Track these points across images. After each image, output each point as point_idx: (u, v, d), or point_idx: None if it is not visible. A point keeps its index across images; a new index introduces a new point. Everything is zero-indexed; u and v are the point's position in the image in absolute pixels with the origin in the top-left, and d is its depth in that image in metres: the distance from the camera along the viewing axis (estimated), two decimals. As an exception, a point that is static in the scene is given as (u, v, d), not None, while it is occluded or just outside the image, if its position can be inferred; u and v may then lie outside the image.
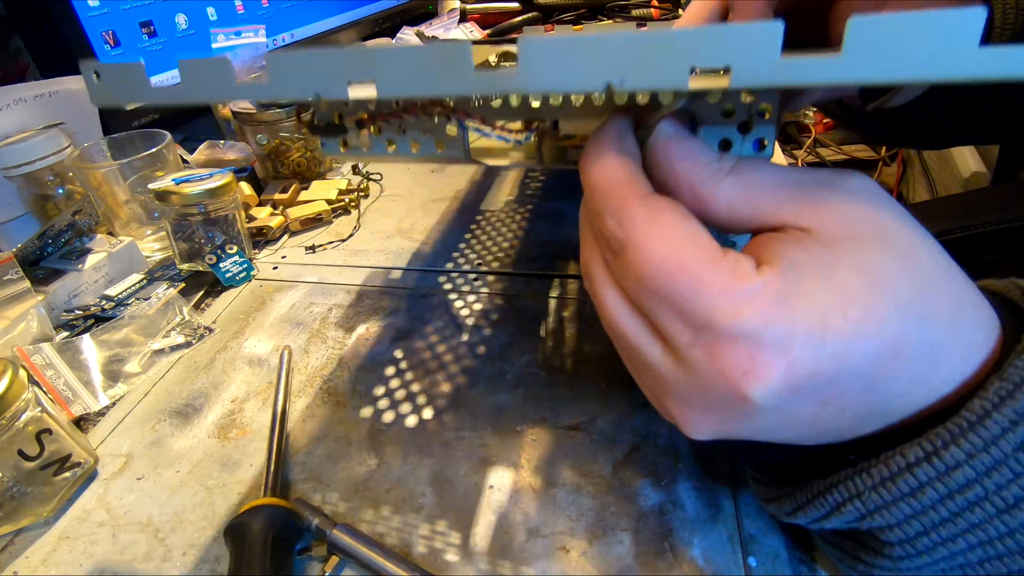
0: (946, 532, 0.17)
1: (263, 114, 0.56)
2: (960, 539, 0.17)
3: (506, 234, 0.49)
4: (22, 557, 0.28)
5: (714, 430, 0.18)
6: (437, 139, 0.24)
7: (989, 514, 0.16)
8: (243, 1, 0.77)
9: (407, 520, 0.28)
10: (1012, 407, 0.15)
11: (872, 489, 0.17)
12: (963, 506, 0.16)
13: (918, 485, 0.17)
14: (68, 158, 0.49)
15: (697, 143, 0.18)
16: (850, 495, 0.18)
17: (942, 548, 0.17)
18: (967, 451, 0.16)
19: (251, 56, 0.66)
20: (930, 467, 0.16)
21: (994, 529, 0.16)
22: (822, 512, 0.19)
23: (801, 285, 0.16)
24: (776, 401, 0.16)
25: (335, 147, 0.26)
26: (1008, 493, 0.16)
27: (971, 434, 0.16)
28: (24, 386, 0.29)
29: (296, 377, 0.37)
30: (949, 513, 0.17)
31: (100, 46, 0.61)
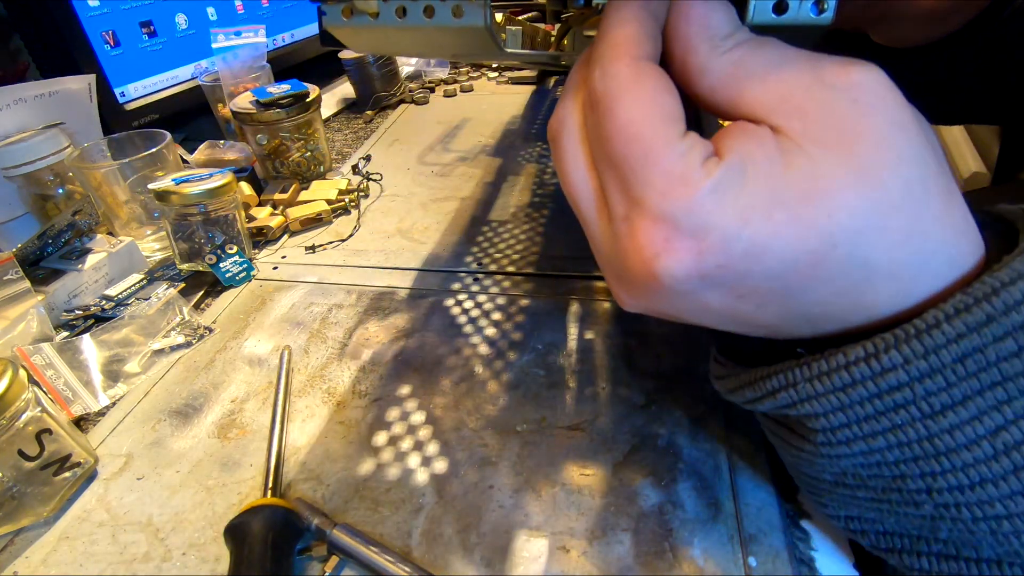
0: (868, 428, 0.18)
1: (263, 114, 0.56)
2: (880, 437, 0.17)
3: (505, 235, 0.49)
4: (22, 557, 0.28)
5: (639, 305, 0.19)
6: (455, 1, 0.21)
7: (913, 417, 0.17)
8: (243, 1, 0.77)
9: (407, 520, 0.28)
10: (963, 320, 0.16)
11: (807, 380, 0.18)
12: (889, 406, 0.17)
13: (851, 381, 0.17)
14: (68, 158, 0.49)
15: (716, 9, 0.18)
16: (786, 383, 0.19)
17: (862, 442, 0.18)
18: (905, 356, 0.16)
19: (251, 56, 0.66)
20: (866, 367, 0.17)
21: (914, 432, 0.17)
22: (758, 394, 0.20)
23: (738, 182, 0.16)
24: (683, 285, 0.17)
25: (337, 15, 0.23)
26: (936, 400, 0.16)
27: (915, 341, 0.16)
28: (24, 386, 0.29)
29: (296, 377, 0.37)
30: (874, 410, 0.17)
31: (100, 46, 0.61)
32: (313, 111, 0.59)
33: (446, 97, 0.82)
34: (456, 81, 0.86)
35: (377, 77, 0.78)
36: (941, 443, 0.17)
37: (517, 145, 0.65)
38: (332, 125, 0.76)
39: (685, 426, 0.30)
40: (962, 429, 0.16)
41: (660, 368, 0.34)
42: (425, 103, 0.81)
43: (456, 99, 0.82)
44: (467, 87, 0.84)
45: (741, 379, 0.21)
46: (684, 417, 0.31)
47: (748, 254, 0.16)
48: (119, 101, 0.64)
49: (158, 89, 0.68)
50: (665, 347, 0.35)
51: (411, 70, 0.88)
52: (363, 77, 0.79)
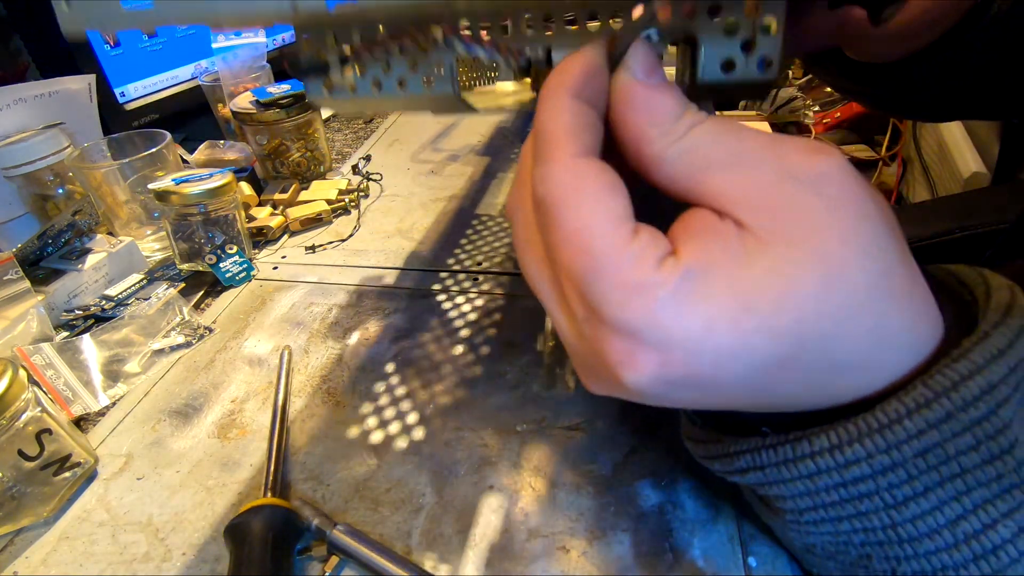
0: (833, 513, 0.18)
1: (263, 114, 0.56)
2: (845, 522, 0.18)
3: (505, 235, 0.49)
4: (22, 557, 0.28)
5: (608, 394, 0.19)
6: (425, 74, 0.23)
7: (876, 507, 0.17)
8: (243, 1, 0.77)
9: (407, 520, 0.28)
10: (924, 416, 0.16)
11: (774, 465, 0.19)
12: (854, 495, 0.18)
13: (816, 471, 0.18)
14: (68, 158, 0.49)
15: (662, 92, 0.17)
16: (754, 465, 0.19)
17: (828, 525, 0.19)
18: (868, 450, 0.17)
19: (251, 56, 0.66)
20: (831, 458, 0.17)
21: (878, 520, 0.17)
22: (728, 469, 0.21)
23: (700, 287, 0.15)
24: (650, 391, 0.17)
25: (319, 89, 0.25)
26: (898, 492, 0.17)
27: (877, 436, 0.16)
28: (24, 386, 0.29)
29: (296, 377, 0.37)
30: (840, 498, 0.18)
31: (100, 46, 0.61)
32: (313, 111, 0.59)
33: (446, 97, 0.82)
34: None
35: (377, 77, 0.78)
36: (904, 532, 0.17)
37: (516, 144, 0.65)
38: (332, 125, 0.76)
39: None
40: (924, 519, 0.17)
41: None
42: (425, 103, 0.81)
43: (456, 99, 0.82)
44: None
45: (710, 450, 0.22)
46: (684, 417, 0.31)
47: (715, 363, 0.15)
48: (119, 101, 0.64)
49: (158, 89, 0.68)
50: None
51: (411, 70, 0.88)
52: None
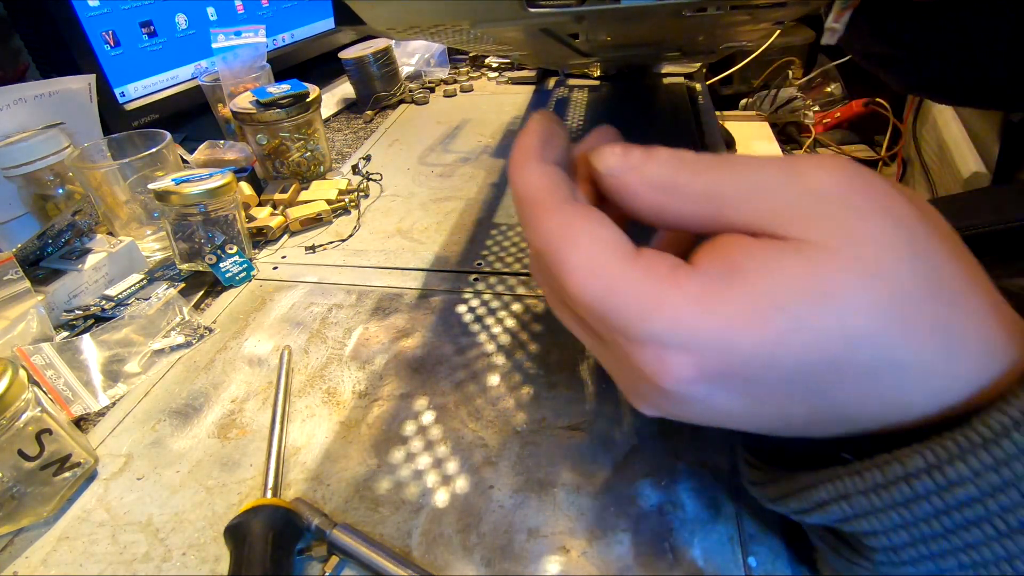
0: (937, 547, 0.16)
1: (263, 114, 0.56)
2: (951, 557, 0.16)
3: (505, 236, 0.49)
4: (22, 557, 0.28)
5: (659, 412, 0.19)
6: None
7: (988, 536, 0.15)
8: (243, 1, 0.78)
9: (407, 520, 0.28)
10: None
11: (862, 493, 0.16)
12: (960, 524, 0.15)
13: (913, 496, 0.16)
14: (68, 158, 0.49)
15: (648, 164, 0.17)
16: (837, 495, 0.17)
17: (930, 563, 0.16)
18: (974, 468, 0.15)
19: (251, 56, 0.66)
20: (930, 480, 0.15)
21: (991, 552, 0.15)
22: (805, 506, 0.18)
23: (723, 291, 0.15)
24: (693, 393, 0.16)
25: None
26: (1012, 517, 0.15)
27: (983, 452, 0.15)
28: (24, 386, 0.29)
29: (296, 377, 0.37)
30: (944, 529, 0.16)
31: (100, 46, 0.61)
32: (313, 111, 0.59)
33: (446, 97, 0.82)
34: (456, 81, 0.86)
35: (377, 77, 0.78)
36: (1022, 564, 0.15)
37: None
38: (332, 125, 0.76)
39: (685, 426, 0.30)
40: None
41: (660, 368, 0.34)
42: (425, 103, 0.81)
43: (456, 99, 0.82)
44: (467, 87, 0.84)
45: (782, 487, 0.19)
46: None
47: (751, 362, 0.15)
48: (119, 101, 0.64)
49: (158, 89, 0.68)
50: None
51: (411, 70, 0.88)
52: (363, 77, 0.79)
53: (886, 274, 0.15)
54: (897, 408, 0.16)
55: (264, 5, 0.80)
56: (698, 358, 0.15)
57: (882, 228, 0.15)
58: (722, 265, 0.16)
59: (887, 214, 0.15)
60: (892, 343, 0.15)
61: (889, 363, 0.15)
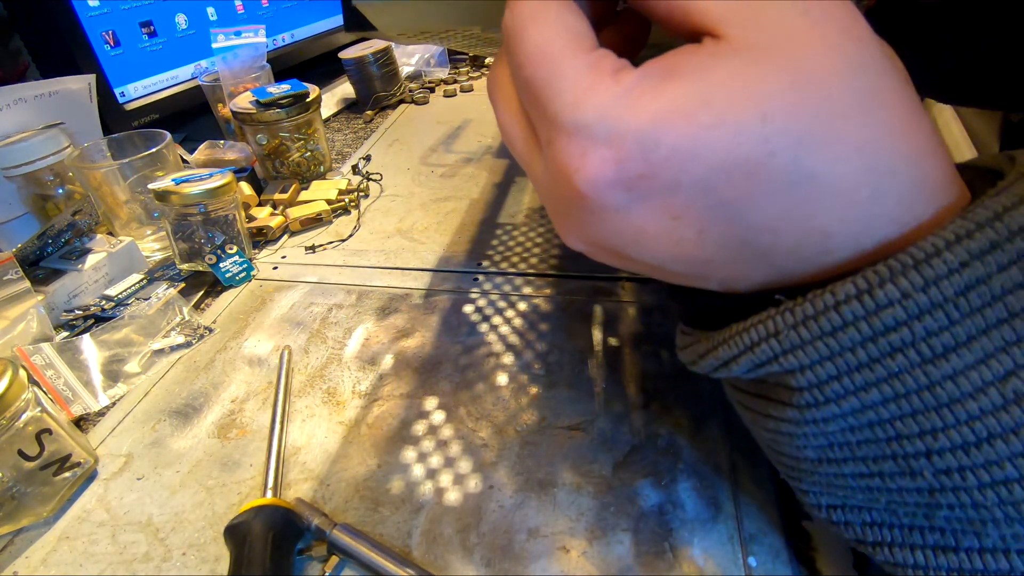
0: (861, 379, 0.15)
1: (263, 114, 0.56)
2: (874, 388, 0.15)
3: (505, 236, 0.49)
4: (22, 557, 0.28)
5: (580, 237, 0.18)
6: None
7: (911, 362, 0.15)
8: (243, 1, 0.78)
9: (407, 520, 0.28)
10: (967, 247, 0.14)
11: (792, 327, 0.16)
12: (885, 351, 0.15)
13: (841, 324, 0.15)
14: (68, 158, 0.49)
15: None
16: (767, 333, 0.17)
17: (853, 397, 0.16)
18: (903, 290, 0.14)
19: (251, 56, 0.66)
20: (859, 305, 0.15)
21: (913, 380, 0.15)
22: (735, 351, 0.18)
23: (657, 86, 0.15)
24: (610, 199, 0.16)
25: None
26: (937, 341, 0.14)
27: (913, 272, 0.14)
28: (24, 386, 0.29)
29: (296, 377, 0.37)
30: (868, 357, 0.15)
31: (100, 46, 0.61)
32: (313, 111, 0.59)
33: (446, 97, 0.82)
34: (456, 81, 0.86)
35: (377, 77, 0.78)
36: (943, 392, 0.15)
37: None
38: (332, 125, 0.76)
39: (685, 426, 0.30)
40: (967, 375, 0.14)
41: (660, 368, 0.34)
42: (425, 103, 0.81)
43: (456, 99, 0.82)
44: (467, 87, 0.84)
45: (714, 339, 0.19)
46: (684, 417, 0.31)
47: (671, 160, 0.15)
48: (119, 101, 0.64)
49: (158, 89, 0.68)
50: (665, 347, 0.35)
51: (411, 70, 0.88)
52: (363, 77, 0.79)
53: (819, 80, 0.14)
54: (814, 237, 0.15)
55: (264, 5, 0.80)
56: (619, 153, 0.15)
57: (831, 40, 0.15)
58: (664, 66, 0.15)
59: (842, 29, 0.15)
60: (810, 151, 0.14)
61: (806, 174, 0.14)
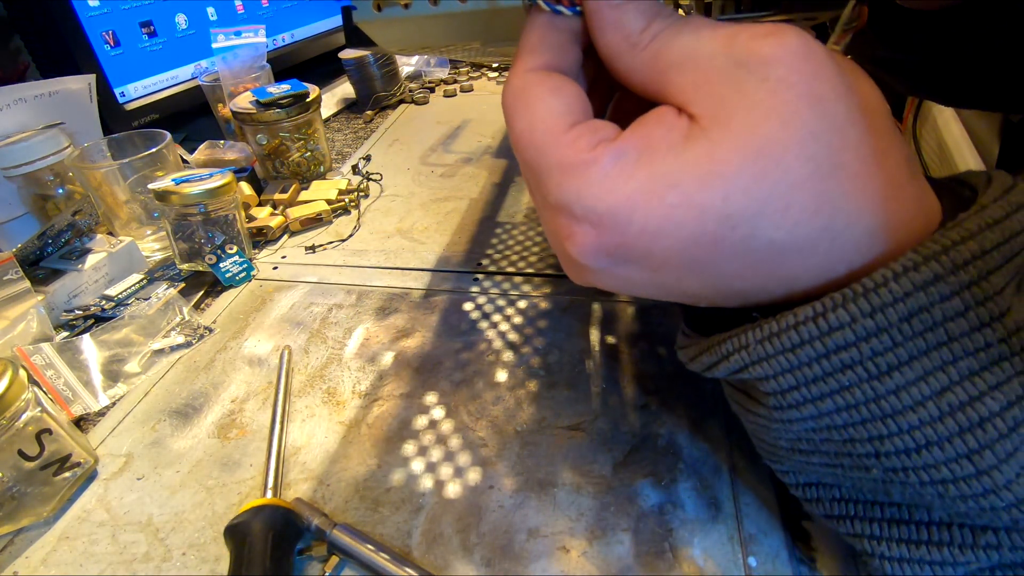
0: (816, 390, 0.17)
1: (263, 114, 0.56)
2: (828, 399, 0.17)
3: (505, 236, 0.49)
4: (22, 557, 0.28)
5: (584, 280, 0.20)
6: None
7: (860, 378, 0.17)
8: (243, 1, 0.78)
9: (407, 520, 0.28)
10: (910, 278, 0.16)
11: (758, 342, 0.18)
12: (837, 367, 0.17)
13: (799, 341, 0.17)
14: (68, 158, 0.49)
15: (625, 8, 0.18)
16: (739, 346, 0.19)
17: (811, 405, 0.18)
18: (852, 314, 0.16)
19: (251, 56, 0.66)
20: (814, 326, 0.17)
21: (861, 393, 0.17)
22: (714, 359, 0.20)
23: (632, 167, 0.16)
24: (595, 263, 0.18)
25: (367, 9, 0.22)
26: (882, 360, 0.16)
27: (861, 299, 0.16)
28: (24, 386, 0.29)
29: (296, 377, 0.37)
30: (822, 371, 0.17)
31: (100, 46, 0.61)
32: (313, 111, 0.59)
33: (446, 97, 0.82)
34: (456, 81, 0.86)
35: (377, 77, 0.78)
36: (887, 405, 0.16)
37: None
38: (332, 125, 0.76)
39: (685, 426, 0.30)
40: (908, 390, 0.16)
41: (660, 368, 0.34)
42: (425, 103, 0.81)
43: (456, 99, 0.82)
44: (467, 87, 0.84)
45: (700, 346, 0.21)
46: (684, 417, 0.31)
47: (643, 234, 0.16)
48: (119, 101, 0.64)
49: (158, 89, 0.68)
50: (665, 347, 0.35)
51: (411, 70, 0.88)
52: (363, 77, 0.79)
53: (775, 155, 0.15)
54: (781, 282, 0.17)
55: (264, 5, 0.80)
56: (598, 230, 0.17)
57: (791, 105, 0.15)
58: (639, 142, 0.17)
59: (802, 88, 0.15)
60: (768, 222, 0.16)
61: (765, 242, 0.16)
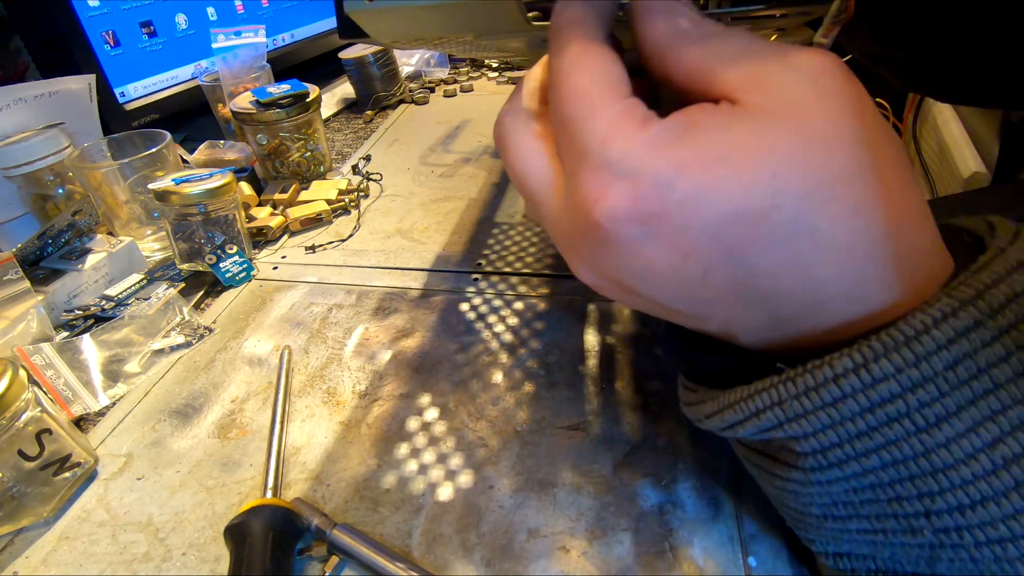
0: (861, 446, 0.17)
1: (263, 114, 0.56)
2: (874, 455, 0.17)
3: (505, 237, 0.49)
4: (22, 557, 0.28)
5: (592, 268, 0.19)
6: None
7: (907, 431, 0.16)
8: (243, 1, 0.78)
9: (407, 520, 0.28)
10: (952, 325, 0.15)
11: (795, 397, 0.17)
12: (883, 420, 0.16)
13: (841, 395, 0.16)
14: (68, 158, 0.49)
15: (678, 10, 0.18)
16: (772, 402, 0.18)
17: (855, 463, 0.17)
18: (896, 365, 0.16)
19: (251, 56, 0.66)
20: (856, 378, 0.16)
21: (910, 447, 0.16)
22: (741, 417, 0.19)
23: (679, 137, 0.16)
24: (624, 231, 0.17)
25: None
26: (930, 412, 0.16)
27: (904, 348, 0.15)
28: (24, 386, 0.29)
29: (296, 377, 0.37)
30: (867, 426, 0.16)
31: (100, 46, 0.61)
32: (313, 111, 0.59)
33: (446, 97, 0.82)
34: (456, 81, 0.86)
35: (377, 77, 0.78)
36: (938, 459, 0.16)
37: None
38: (332, 125, 0.76)
39: (685, 426, 0.30)
40: (958, 442, 0.16)
41: (660, 368, 0.34)
42: (425, 103, 0.81)
43: (456, 99, 0.82)
44: (467, 87, 0.84)
45: (720, 402, 0.20)
46: (684, 417, 0.31)
47: (684, 204, 0.16)
48: (119, 101, 0.64)
49: (158, 89, 0.68)
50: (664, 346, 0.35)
51: (411, 70, 0.88)
52: (363, 77, 0.79)
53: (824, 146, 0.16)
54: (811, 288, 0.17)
55: (264, 5, 0.80)
56: (637, 190, 0.16)
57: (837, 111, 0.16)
58: (685, 120, 0.17)
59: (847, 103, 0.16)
60: (813, 208, 0.16)
61: (807, 228, 0.16)
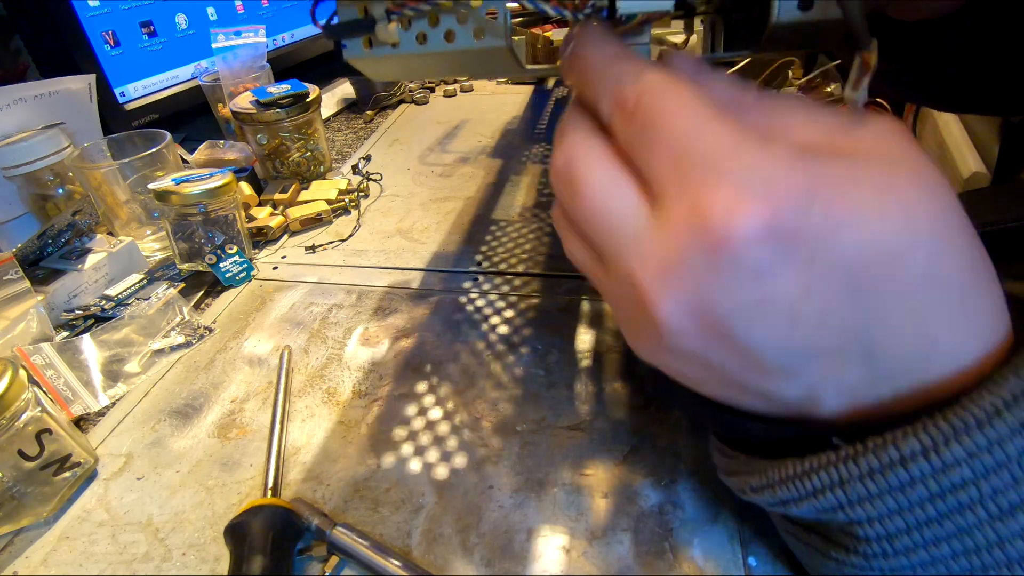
0: (930, 534, 0.16)
1: (263, 114, 0.56)
2: (944, 544, 0.16)
3: (506, 237, 0.49)
4: (22, 557, 0.28)
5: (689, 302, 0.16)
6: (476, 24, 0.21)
7: (981, 519, 0.15)
8: (243, 1, 0.77)
9: (407, 520, 0.28)
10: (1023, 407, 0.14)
11: (859, 479, 0.16)
12: (954, 507, 0.15)
13: (909, 480, 0.15)
14: (68, 158, 0.49)
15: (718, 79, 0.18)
16: (833, 482, 0.16)
17: (923, 551, 0.16)
18: (969, 450, 0.15)
19: (251, 56, 0.66)
20: (926, 462, 0.15)
21: (983, 536, 0.15)
22: (796, 495, 0.17)
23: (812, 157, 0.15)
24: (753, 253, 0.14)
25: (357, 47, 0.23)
26: (1004, 499, 0.15)
27: (977, 433, 0.15)
28: (24, 386, 0.29)
29: (296, 377, 0.37)
30: (938, 513, 0.15)
31: (100, 46, 0.61)
32: (313, 111, 0.59)
33: (446, 97, 0.82)
34: (456, 81, 0.86)
35: (377, 77, 0.78)
36: (1013, 549, 0.15)
37: (518, 145, 0.65)
38: (332, 125, 0.76)
39: (685, 427, 0.30)
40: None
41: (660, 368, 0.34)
42: (425, 103, 0.81)
43: (456, 99, 0.82)
44: (467, 87, 0.84)
45: (769, 476, 0.18)
46: (684, 417, 0.31)
47: (820, 228, 0.14)
48: (119, 101, 0.64)
49: (158, 89, 0.68)
50: (665, 347, 0.35)
51: (411, 70, 0.88)
52: (363, 77, 0.78)
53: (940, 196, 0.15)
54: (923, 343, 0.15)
55: (264, 5, 0.80)
56: (775, 206, 0.14)
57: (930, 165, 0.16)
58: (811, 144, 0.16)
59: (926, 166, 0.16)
60: (940, 253, 0.15)
61: (935, 274, 0.15)
